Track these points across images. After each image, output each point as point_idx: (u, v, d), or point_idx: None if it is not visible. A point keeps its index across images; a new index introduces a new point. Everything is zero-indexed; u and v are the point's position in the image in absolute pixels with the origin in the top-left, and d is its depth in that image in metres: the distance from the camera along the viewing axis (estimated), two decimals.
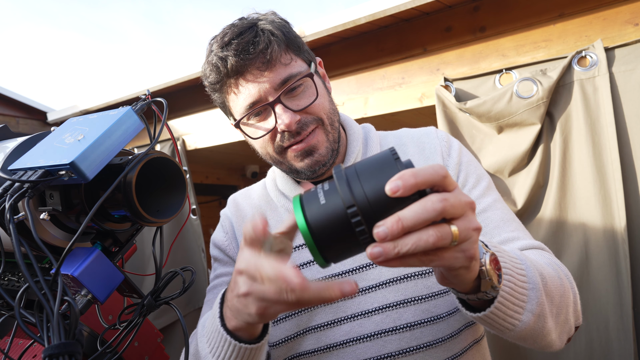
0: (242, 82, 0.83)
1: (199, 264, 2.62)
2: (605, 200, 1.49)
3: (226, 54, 0.81)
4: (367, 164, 0.47)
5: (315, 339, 0.86)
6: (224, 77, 0.84)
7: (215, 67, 0.83)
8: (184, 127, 2.84)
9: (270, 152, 0.88)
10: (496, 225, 0.86)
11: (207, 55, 0.86)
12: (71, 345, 0.50)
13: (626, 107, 1.48)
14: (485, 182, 0.91)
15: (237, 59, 0.80)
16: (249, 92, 0.83)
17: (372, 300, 0.84)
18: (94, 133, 0.57)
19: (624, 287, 1.44)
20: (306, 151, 0.85)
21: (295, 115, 0.82)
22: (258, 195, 1.03)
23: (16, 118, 3.76)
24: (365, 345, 0.83)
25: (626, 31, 1.57)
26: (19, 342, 0.84)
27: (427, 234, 0.43)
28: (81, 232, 0.55)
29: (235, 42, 0.81)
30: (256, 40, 0.81)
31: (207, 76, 0.86)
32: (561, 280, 0.71)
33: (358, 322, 0.84)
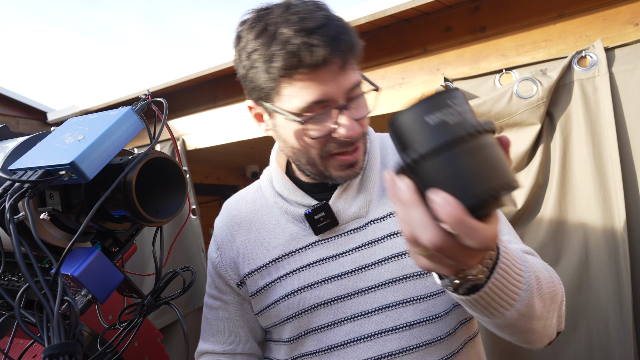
0: (317, 77, 0.75)
1: (199, 264, 2.62)
2: (605, 200, 1.49)
3: (313, 43, 0.73)
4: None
5: (316, 340, 0.87)
6: (298, 66, 0.74)
7: (294, 54, 0.73)
8: (184, 127, 2.84)
9: (312, 153, 0.83)
10: None
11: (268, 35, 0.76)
12: (71, 345, 0.50)
13: (626, 107, 1.48)
14: None
15: (326, 50, 0.73)
16: (320, 88, 0.76)
17: (371, 301, 0.85)
18: (94, 133, 0.57)
19: (624, 287, 1.44)
20: (351, 163, 0.84)
21: (359, 126, 0.79)
22: (252, 198, 1.00)
23: (16, 118, 3.76)
24: (365, 345, 0.84)
25: (626, 31, 1.57)
26: (19, 342, 0.84)
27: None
28: (81, 232, 0.55)
29: (320, 32, 0.74)
30: (341, 37, 0.75)
31: (273, 58, 0.75)
32: (554, 286, 0.72)
33: (358, 322, 0.84)
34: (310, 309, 0.87)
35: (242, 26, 0.81)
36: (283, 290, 0.89)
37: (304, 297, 0.87)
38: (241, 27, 0.82)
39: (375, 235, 0.87)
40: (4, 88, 3.66)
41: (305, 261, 0.89)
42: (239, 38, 0.82)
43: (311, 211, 0.87)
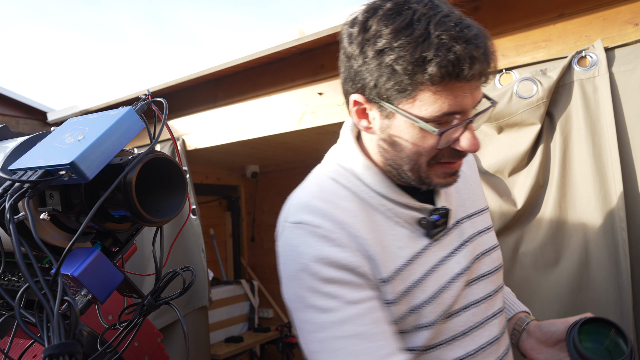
0: (461, 89, 0.72)
1: (199, 264, 2.62)
2: (605, 200, 1.49)
3: (475, 55, 0.69)
4: None
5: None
6: (452, 76, 0.70)
7: (454, 64, 0.69)
8: (184, 127, 2.84)
9: (421, 160, 0.79)
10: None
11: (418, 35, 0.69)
12: (71, 345, 0.50)
13: (626, 107, 1.48)
14: None
15: (482, 65, 0.70)
16: (461, 101, 0.73)
17: (477, 292, 0.91)
18: (94, 133, 0.57)
19: (624, 287, 1.44)
20: (452, 173, 0.82)
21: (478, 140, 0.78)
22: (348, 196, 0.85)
23: (16, 118, 3.76)
24: (479, 332, 0.90)
25: (626, 31, 1.57)
26: (19, 342, 0.84)
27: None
28: (81, 232, 0.55)
29: (477, 43, 0.70)
30: (492, 50, 0.73)
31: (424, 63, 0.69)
32: None
33: (472, 311, 0.90)
34: (449, 309, 0.86)
35: (371, 14, 0.74)
36: (424, 293, 0.84)
37: (444, 299, 0.85)
38: (368, 14, 0.75)
39: (467, 233, 0.93)
40: (4, 88, 3.66)
41: (430, 263, 0.86)
42: (365, 27, 0.74)
43: (439, 217, 0.86)
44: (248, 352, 3.73)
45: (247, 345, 3.40)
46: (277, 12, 42.56)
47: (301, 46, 2.28)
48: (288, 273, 0.80)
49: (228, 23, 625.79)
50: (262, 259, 4.14)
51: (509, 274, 1.66)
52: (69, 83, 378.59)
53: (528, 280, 1.64)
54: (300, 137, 2.77)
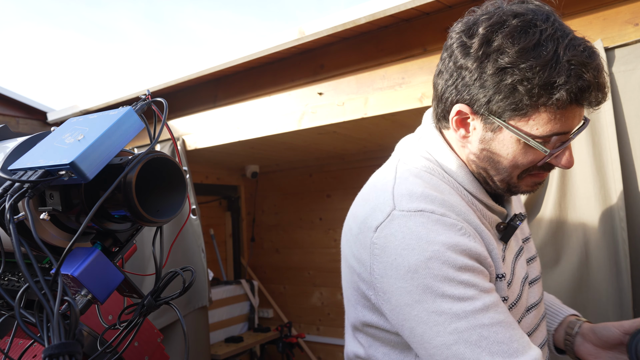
0: (573, 111, 0.74)
1: (199, 264, 2.62)
2: (605, 200, 1.49)
3: (601, 82, 0.72)
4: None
5: None
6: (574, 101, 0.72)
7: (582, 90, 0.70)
8: (184, 127, 2.84)
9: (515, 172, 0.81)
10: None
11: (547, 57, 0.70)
12: (71, 345, 0.50)
13: (626, 107, 1.48)
14: None
15: (600, 93, 0.72)
16: (570, 123, 0.75)
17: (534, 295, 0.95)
18: (94, 133, 0.57)
19: (624, 287, 1.44)
20: (542, 182, 0.85)
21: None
22: (453, 195, 0.84)
23: (16, 118, 3.76)
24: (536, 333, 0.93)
25: (626, 31, 1.57)
26: (19, 342, 0.84)
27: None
28: (81, 232, 0.55)
29: (597, 68, 0.72)
30: (602, 75, 0.73)
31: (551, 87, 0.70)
32: None
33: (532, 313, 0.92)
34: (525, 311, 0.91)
35: (496, 29, 0.73)
36: (513, 295, 0.86)
37: (522, 301, 0.90)
38: (493, 28, 0.74)
39: (521, 237, 0.98)
40: (4, 88, 3.65)
41: (510, 266, 0.89)
42: (488, 41, 0.73)
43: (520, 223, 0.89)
44: (248, 352, 3.73)
45: (247, 345, 3.40)
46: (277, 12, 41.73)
47: (301, 46, 2.28)
48: (410, 263, 0.74)
49: (228, 23, 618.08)
50: (262, 259, 4.15)
51: None
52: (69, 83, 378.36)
53: None
54: (300, 137, 2.77)
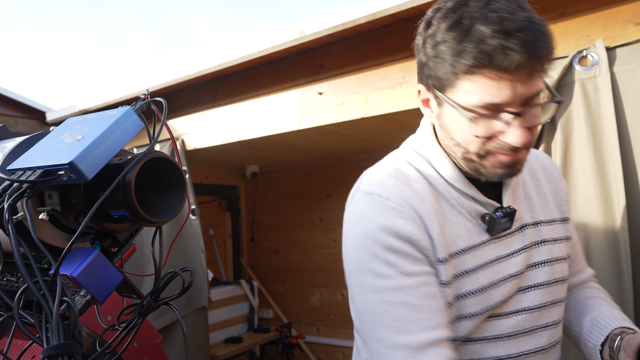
0: (501, 80, 0.74)
1: (199, 265, 2.62)
2: (606, 200, 1.49)
3: (510, 46, 0.71)
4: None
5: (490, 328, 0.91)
6: (487, 66, 0.73)
7: (487, 54, 0.72)
8: (183, 127, 2.83)
9: (470, 149, 0.82)
10: (580, 253, 1.10)
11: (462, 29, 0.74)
12: (70, 346, 0.49)
13: (627, 107, 1.48)
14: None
15: (522, 57, 0.72)
16: (502, 92, 0.75)
17: (532, 299, 0.92)
18: (93, 133, 0.57)
19: (626, 287, 1.43)
20: (508, 164, 0.82)
21: (529, 135, 0.78)
22: (421, 179, 0.89)
23: (15, 118, 3.76)
24: (526, 338, 0.91)
25: (627, 30, 1.57)
26: (17, 343, 0.84)
27: None
28: (80, 233, 0.55)
29: (519, 36, 0.71)
30: (538, 43, 0.73)
31: (461, 54, 0.74)
32: None
33: (522, 317, 0.91)
34: (494, 306, 0.88)
35: (435, 13, 0.81)
36: (472, 285, 0.87)
37: (491, 295, 0.87)
38: (433, 13, 0.82)
39: (532, 239, 0.94)
40: (3, 88, 3.65)
41: (485, 258, 0.88)
42: (428, 24, 0.82)
43: (503, 215, 0.87)
44: (248, 352, 3.72)
45: (247, 345, 3.40)
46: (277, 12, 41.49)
47: (301, 46, 2.28)
48: (353, 237, 0.86)
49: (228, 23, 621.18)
50: (262, 259, 4.14)
51: None
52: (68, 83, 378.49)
53: None
54: (300, 137, 2.77)
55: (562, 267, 0.96)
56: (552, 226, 0.97)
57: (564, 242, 0.98)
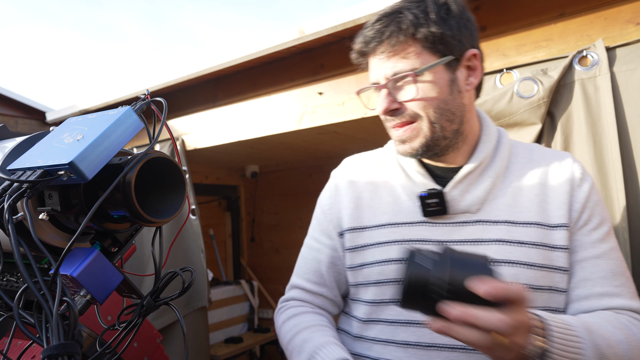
0: (370, 62, 0.95)
1: (199, 265, 2.62)
2: (606, 200, 1.48)
3: (359, 39, 0.93)
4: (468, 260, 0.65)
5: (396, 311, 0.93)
6: (358, 55, 0.96)
7: (359, 44, 0.94)
8: (183, 127, 2.83)
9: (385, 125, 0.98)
10: (603, 275, 0.88)
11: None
12: (70, 346, 0.49)
13: (627, 107, 1.48)
14: (607, 227, 0.92)
15: (362, 45, 0.93)
16: (371, 71, 0.94)
17: None
18: (93, 133, 0.57)
19: None
20: (402, 139, 0.93)
21: (393, 104, 0.91)
22: (376, 161, 1.07)
23: (15, 118, 3.76)
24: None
25: (627, 30, 1.57)
26: (17, 343, 0.84)
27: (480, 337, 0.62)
28: (80, 232, 0.55)
29: (369, 27, 0.91)
30: (383, 30, 0.88)
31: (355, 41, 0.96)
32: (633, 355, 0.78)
33: None
34: (391, 280, 0.93)
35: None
36: (380, 255, 0.95)
37: (399, 268, 0.90)
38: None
39: (482, 235, 0.90)
40: (3, 88, 3.65)
41: (410, 236, 0.94)
42: None
43: (426, 194, 0.92)
44: (248, 352, 3.72)
45: (247, 345, 3.40)
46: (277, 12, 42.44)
47: (301, 46, 2.27)
48: None
49: (228, 23, 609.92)
50: (262, 259, 4.14)
51: None
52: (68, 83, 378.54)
53: None
54: (300, 137, 2.77)
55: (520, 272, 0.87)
56: (530, 228, 0.89)
57: (539, 249, 0.88)
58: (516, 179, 0.94)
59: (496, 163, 0.94)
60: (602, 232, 0.90)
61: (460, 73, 0.91)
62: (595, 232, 0.90)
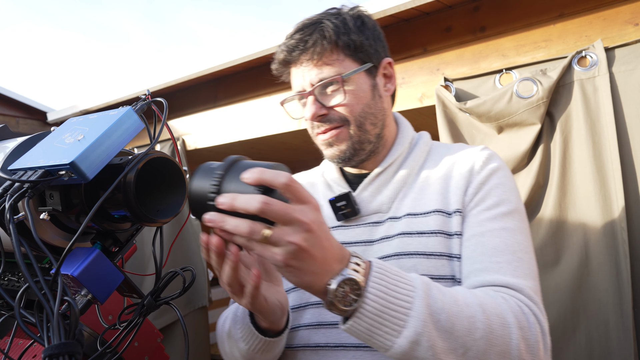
0: (293, 72, 0.96)
1: (199, 264, 2.62)
2: (605, 200, 1.49)
3: (282, 48, 0.94)
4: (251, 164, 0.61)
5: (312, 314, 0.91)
6: (280, 65, 0.97)
7: (277, 56, 0.96)
8: (184, 127, 2.84)
9: (311, 133, 0.98)
10: (483, 252, 0.82)
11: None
12: (71, 345, 0.50)
13: (626, 107, 1.48)
14: (504, 208, 0.86)
15: (285, 54, 0.94)
16: (295, 80, 0.95)
17: None
18: (94, 133, 0.57)
19: (624, 287, 1.44)
20: (329, 142, 0.94)
21: (321, 109, 0.92)
22: (307, 179, 1.10)
23: (16, 118, 3.77)
24: None
25: (626, 31, 1.57)
26: (19, 342, 0.84)
27: (244, 224, 0.55)
28: (81, 232, 0.55)
29: (291, 37, 0.93)
30: (307, 39, 0.91)
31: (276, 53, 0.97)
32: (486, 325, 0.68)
33: None
34: None
35: None
36: None
37: None
38: None
39: (389, 232, 0.91)
40: (4, 88, 3.66)
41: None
42: None
43: (334, 198, 0.94)
44: None
45: None
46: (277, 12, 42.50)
47: None
48: None
49: (228, 23, 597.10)
50: None
51: None
52: (69, 83, 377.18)
53: None
54: (300, 137, 2.77)
55: (418, 262, 0.85)
56: (430, 217, 0.88)
57: (438, 237, 0.86)
58: (427, 175, 0.95)
59: (408, 163, 0.97)
60: (495, 212, 0.86)
61: (379, 80, 0.97)
62: (487, 212, 0.86)
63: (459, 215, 0.87)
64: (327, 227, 0.63)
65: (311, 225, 0.58)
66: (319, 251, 0.60)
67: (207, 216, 0.57)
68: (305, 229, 0.58)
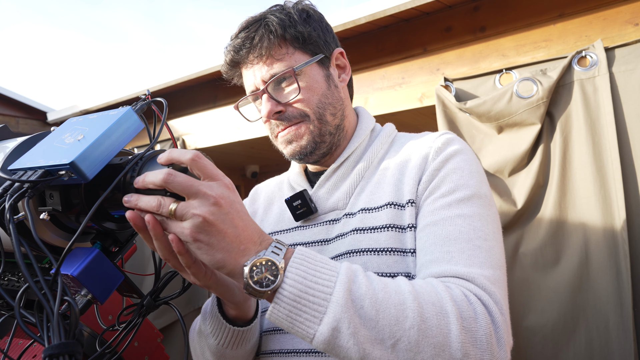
0: (244, 73, 0.93)
1: None
2: (605, 200, 1.49)
3: (228, 49, 0.92)
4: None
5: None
6: (229, 67, 0.95)
7: (224, 58, 0.94)
8: (184, 127, 2.84)
9: (271, 134, 0.95)
10: (434, 242, 0.76)
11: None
12: (71, 345, 0.50)
13: (626, 107, 1.48)
14: (461, 194, 0.79)
15: (232, 55, 0.91)
16: (247, 80, 0.93)
17: None
18: (94, 133, 0.57)
19: (624, 287, 1.44)
20: (288, 139, 0.91)
21: (277, 106, 0.89)
22: (272, 187, 1.10)
23: (16, 118, 3.76)
24: None
25: (626, 31, 1.57)
26: (18, 342, 0.84)
27: (153, 199, 0.57)
28: (81, 232, 0.55)
29: (236, 37, 0.91)
30: (252, 36, 0.88)
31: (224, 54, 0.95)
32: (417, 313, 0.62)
33: None
34: None
35: None
36: None
37: None
38: None
39: (343, 229, 0.86)
40: (4, 88, 3.66)
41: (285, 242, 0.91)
42: None
43: (290, 198, 0.92)
44: None
45: None
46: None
47: None
48: None
49: (228, 22, 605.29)
50: None
51: (509, 274, 1.66)
52: (69, 83, 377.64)
53: (528, 280, 1.64)
54: None
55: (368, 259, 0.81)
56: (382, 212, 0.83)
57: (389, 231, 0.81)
58: (385, 167, 0.90)
59: (367, 155, 0.93)
60: (451, 199, 0.79)
61: (333, 70, 0.95)
62: (442, 199, 0.79)
63: (412, 207, 0.81)
64: (242, 207, 0.62)
65: (218, 199, 0.58)
66: (230, 228, 0.59)
67: (125, 197, 0.59)
68: (211, 202, 0.58)
